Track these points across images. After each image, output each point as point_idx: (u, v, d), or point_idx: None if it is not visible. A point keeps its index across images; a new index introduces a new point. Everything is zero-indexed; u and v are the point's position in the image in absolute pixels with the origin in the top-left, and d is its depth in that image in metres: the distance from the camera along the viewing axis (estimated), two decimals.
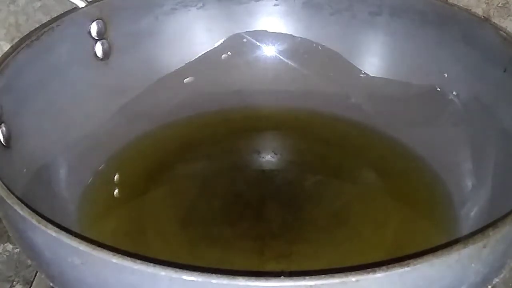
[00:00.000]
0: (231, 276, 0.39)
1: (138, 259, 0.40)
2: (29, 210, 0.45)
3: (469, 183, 0.65)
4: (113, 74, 0.72)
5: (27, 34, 0.64)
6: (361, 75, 0.78)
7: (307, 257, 0.58)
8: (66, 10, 0.69)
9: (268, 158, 0.72)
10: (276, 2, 0.79)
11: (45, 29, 0.65)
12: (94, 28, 0.70)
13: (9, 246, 0.67)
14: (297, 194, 0.65)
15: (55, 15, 0.69)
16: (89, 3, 0.69)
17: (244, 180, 0.68)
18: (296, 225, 0.62)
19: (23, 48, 0.62)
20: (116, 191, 0.65)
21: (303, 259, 0.58)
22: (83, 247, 0.41)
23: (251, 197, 0.65)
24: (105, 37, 0.71)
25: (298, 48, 0.80)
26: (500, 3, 0.89)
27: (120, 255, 0.40)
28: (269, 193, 0.66)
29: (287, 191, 0.66)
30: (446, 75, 0.71)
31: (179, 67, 0.78)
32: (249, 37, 0.80)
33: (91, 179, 0.66)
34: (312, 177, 0.68)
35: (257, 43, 0.80)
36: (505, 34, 0.65)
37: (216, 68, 0.79)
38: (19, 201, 0.46)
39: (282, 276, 0.39)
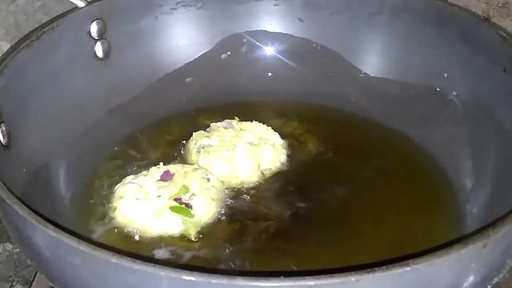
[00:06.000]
0: (231, 276, 0.39)
1: (138, 259, 0.40)
2: (28, 210, 0.45)
3: (469, 182, 0.65)
4: (113, 74, 0.72)
5: (27, 34, 0.64)
6: (361, 74, 0.78)
7: (307, 256, 0.58)
8: (66, 10, 0.69)
9: None
10: (276, 2, 0.79)
11: (45, 29, 0.65)
12: (94, 28, 0.70)
13: (9, 246, 0.67)
14: (296, 193, 0.65)
15: (55, 15, 0.69)
16: (89, 3, 0.69)
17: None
18: (295, 224, 0.62)
19: (23, 48, 0.62)
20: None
21: (303, 258, 0.58)
22: (83, 247, 0.41)
23: (250, 196, 0.65)
24: (105, 37, 0.71)
25: (298, 48, 0.80)
26: (500, 3, 0.89)
27: (120, 255, 0.40)
28: (268, 192, 0.66)
29: (286, 190, 0.66)
30: (446, 75, 0.71)
31: (179, 67, 0.78)
32: (249, 37, 0.80)
33: (91, 178, 0.66)
34: (312, 176, 0.68)
35: (257, 43, 0.80)
36: (505, 34, 0.65)
37: (216, 68, 0.79)
38: (19, 201, 0.46)
39: (282, 276, 0.39)
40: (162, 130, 0.73)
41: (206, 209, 0.61)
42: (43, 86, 0.65)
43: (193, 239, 0.60)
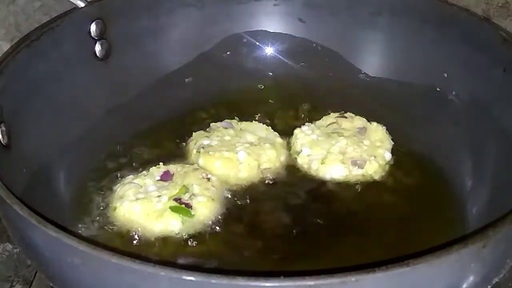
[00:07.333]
0: (231, 276, 0.39)
1: (138, 259, 0.40)
2: (28, 210, 0.45)
3: (469, 182, 0.65)
4: (113, 74, 0.72)
5: (27, 34, 0.64)
6: (361, 75, 0.78)
7: (307, 256, 0.59)
8: (66, 10, 0.69)
9: None
10: (276, 2, 0.79)
11: (45, 29, 0.65)
12: (94, 28, 0.70)
13: (9, 246, 0.67)
14: (297, 193, 0.65)
15: (55, 15, 0.69)
16: (89, 3, 0.69)
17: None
18: (296, 224, 0.62)
19: (23, 48, 0.62)
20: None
21: (303, 258, 0.58)
22: (83, 247, 0.41)
23: (250, 196, 0.65)
24: (105, 37, 0.71)
25: (298, 48, 0.80)
26: (500, 3, 0.89)
27: (120, 255, 0.40)
28: (268, 192, 0.66)
29: (287, 190, 0.66)
30: (446, 75, 0.71)
31: (179, 67, 0.78)
32: (249, 37, 0.80)
33: (90, 178, 0.66)
34: (312, 175, 0.68)
35: (257, 43, 0.80)
36: (505, 34, 0.65)
37: (216, 68, 0.79)
38: (19, 201, 0.46)
39: (282, 276, 0.39)
40: (162, 130, 0.73)
41: (206, 209, 0.61)
42: (43, 86, 0.65)
43: (192, 239, 0.60)
